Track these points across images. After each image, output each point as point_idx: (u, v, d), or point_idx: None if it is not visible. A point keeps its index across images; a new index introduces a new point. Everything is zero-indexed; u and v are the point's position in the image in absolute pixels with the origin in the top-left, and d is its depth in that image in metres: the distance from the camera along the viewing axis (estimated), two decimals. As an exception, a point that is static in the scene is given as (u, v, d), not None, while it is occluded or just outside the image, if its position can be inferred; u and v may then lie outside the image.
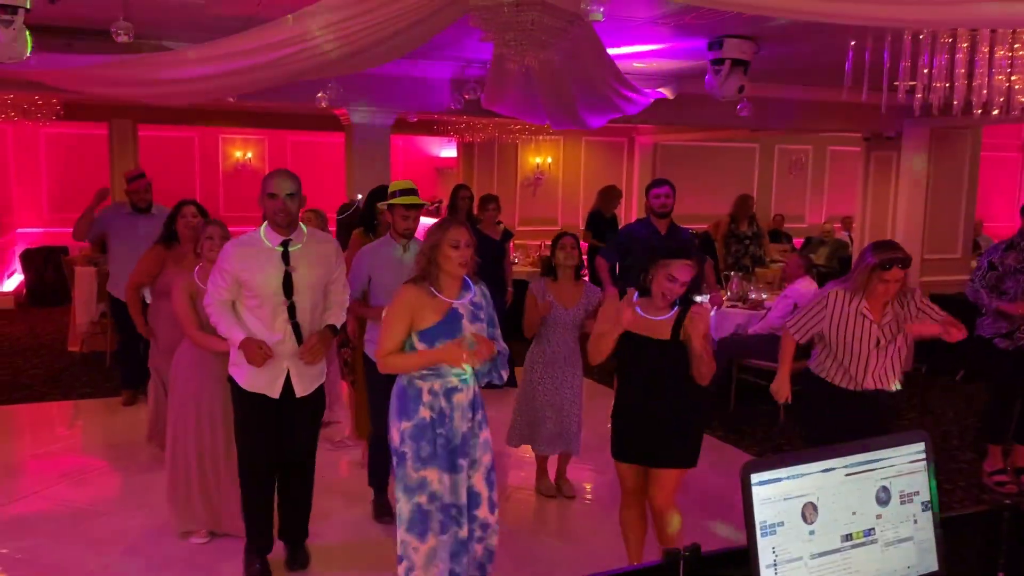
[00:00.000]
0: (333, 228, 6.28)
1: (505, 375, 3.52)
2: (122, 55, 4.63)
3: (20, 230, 11.69)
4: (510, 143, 12.11)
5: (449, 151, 13.87)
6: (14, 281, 11.23)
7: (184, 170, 12.88)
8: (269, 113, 11.70)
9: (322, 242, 3.91)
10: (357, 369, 4.88)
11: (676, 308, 3.48)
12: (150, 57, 4.58)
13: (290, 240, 3.71)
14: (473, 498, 3.44)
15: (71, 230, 6.49)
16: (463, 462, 3.39)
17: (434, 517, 3.35)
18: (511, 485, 5.23)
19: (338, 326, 3.96)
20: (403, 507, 3.38)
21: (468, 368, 3.34)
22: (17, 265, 11.00)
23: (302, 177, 3.85)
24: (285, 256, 3.69)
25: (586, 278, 5.15)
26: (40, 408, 6.63)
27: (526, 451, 5.83)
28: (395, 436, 3.41)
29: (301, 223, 3.80)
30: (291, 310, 3.71)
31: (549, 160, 13.31)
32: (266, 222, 3.73)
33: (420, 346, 3.29)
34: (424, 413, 3.34)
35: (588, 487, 5.25)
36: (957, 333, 3.77)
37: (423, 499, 3.34)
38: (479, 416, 3.47)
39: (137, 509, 4.69)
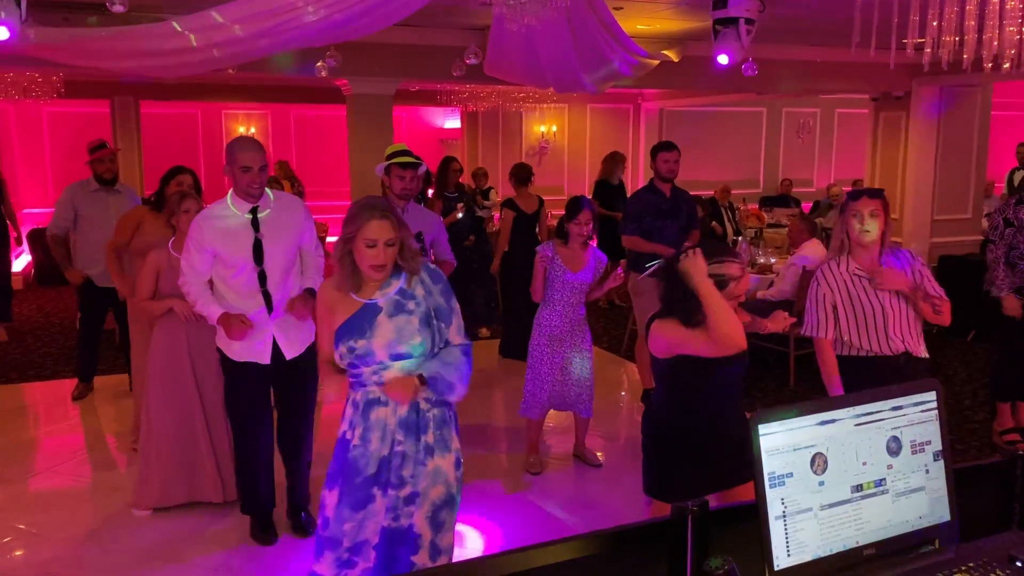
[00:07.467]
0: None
1: (461, 392, 2.76)
2: (119, 27, 4.60)
3: (26, 210, 11.66)
4: (514, 112, 12.02)
5: (453, 122, 13.76)
6: (22, 261, 11.24)
7: (187, 146, 12.84)
8: (271, 87, 11.63)
9: (290, 206, 3.87)
10: None
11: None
12: (145, 28, 4.55)
13: (258, 207, 3.70)
14: (406, 540, 2.74)
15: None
16: (385, 495, 2.71)
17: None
18: (518, 452, 5.20)
19: (316, 289, 3.80)
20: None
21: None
22: (24, 245, 11.01)
23: (305, 150, 3.83)
24: (254, 223, 3.68)
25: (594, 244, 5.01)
26: (52, 386, 6.64)
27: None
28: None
29: (268, 189, 3.76)
30: (261, 278, 3.71)
31: (554, 128, 13.21)
32: (232, 191, 3.71)
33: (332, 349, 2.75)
34: (342, 428, 2.80)
35: (600, 455, 5.23)
36: (940, 315, 3.53)
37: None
38: (427, 439, 2.74)
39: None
